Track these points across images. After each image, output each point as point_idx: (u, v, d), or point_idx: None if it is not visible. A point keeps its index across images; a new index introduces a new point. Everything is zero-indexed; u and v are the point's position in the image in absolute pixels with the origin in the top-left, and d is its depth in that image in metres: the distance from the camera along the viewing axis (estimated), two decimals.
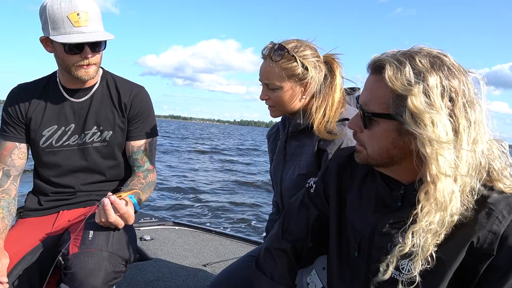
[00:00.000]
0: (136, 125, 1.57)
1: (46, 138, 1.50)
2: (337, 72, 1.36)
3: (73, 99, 1.51)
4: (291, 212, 1.15)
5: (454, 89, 0.79)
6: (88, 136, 1.51)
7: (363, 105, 0.88)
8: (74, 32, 1.33)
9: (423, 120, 0.77)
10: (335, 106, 1.33)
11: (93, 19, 1.37)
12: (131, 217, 1.29)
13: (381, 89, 0.83)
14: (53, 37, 1.34)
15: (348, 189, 1.04)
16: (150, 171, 1.58)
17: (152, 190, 1.57)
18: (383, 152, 0.88)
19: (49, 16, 1.33)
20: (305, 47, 1.32)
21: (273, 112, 1.41)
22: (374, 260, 0.93)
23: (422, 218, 0.79)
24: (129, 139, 1.57)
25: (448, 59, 0.82)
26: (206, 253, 2.65)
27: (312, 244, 1.12)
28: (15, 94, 1.52)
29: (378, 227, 0.93)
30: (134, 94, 1.57)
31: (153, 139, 1.63)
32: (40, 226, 1.46)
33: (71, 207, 1.52)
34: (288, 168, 1.40)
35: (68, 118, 1.51)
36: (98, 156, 1.53)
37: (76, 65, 1.40)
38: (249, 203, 7.79)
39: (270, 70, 1.31)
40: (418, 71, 0.79)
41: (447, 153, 0.77)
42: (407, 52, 0.83)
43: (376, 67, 0.85)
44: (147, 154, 1.59)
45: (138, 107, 1.56)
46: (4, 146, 1.48)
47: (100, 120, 1.52)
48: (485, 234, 0.81)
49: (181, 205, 7.04)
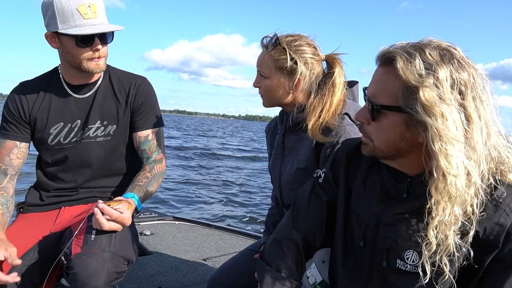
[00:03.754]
0: (142, 115, 1.55)
1: (54, 135, 1.49)
2: (337, 72, 1.34)
3: (77, 95, 1.51)
4: (301, 203, 1.13)
5: (464, 82, 0.79)
6: (92, 131, 1.51)
7: (371, 97, 0.88)
8: (85, 24, 1.33)
9: (434, 113, 0.77)
10: (332, 108, 1.30)
11: (101, 11, 1.38)
12: (126, 220, 1.27)
13: (391, 81, 0.83)
14: (63, 31, 1.32)
15: (354, 179, 1.04)
16: (157, 161, 1.56)
17: (161, 181, 1.55)
18: (390, 145, 0.88)
19: (57, 10, 1.32)
20: (302, 43, 1.32)
21: (264, 101, 1.43)
22: (379, 250, 0.94)
23: (438, 213, 0.79)
24: (135, 130, 1.56)
25: (458, 52, 0.82)
26: (206, 247, 2.67)
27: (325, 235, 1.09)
28: (17, 93, 1.50)
29: (384, 217, 0.93)
30: (137, 85, 1.56)
31: (160, 128, 1.61)
32: (42, 221, 1.46)
33: (72, 204, 1.52)
34: (287, 162, 1.40)
35: (74, 115, 1.50)
36: (102, 150, 1.52)
37: (87, 58, 1.39)
38: (249, 197, 7.81)
39: (263, 59, 1.35)
40: (428, 64, 0.79)
41: (458, 147, 0.77)
42: (417, 45, 0.83)
43: (386, 59, 0.85)
44: (155, 144, 1.57)
45: (142, 97, 1.56)
46: (3, 145, 1.47)
47: (104, 115, 1.52)
48: (491, 226, 0.82)
49: (181, 200, 7.06)
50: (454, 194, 0.77)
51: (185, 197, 7.37)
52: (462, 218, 0.80)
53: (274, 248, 1.09)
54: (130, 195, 1.37)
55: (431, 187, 0.79)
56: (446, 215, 0.78)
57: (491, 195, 0.83)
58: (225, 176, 10.37)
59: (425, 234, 0.81)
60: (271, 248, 1.10)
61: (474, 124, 0.79)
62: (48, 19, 1.36)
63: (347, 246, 1.03)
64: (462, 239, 0.81)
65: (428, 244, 0.80)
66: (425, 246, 0.81)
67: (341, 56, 1.38)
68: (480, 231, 0.82)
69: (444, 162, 0.77)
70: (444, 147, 0.76)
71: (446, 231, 0.79)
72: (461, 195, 0.78)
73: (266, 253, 1.10)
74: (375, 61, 0.89)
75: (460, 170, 0.77)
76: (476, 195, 0.80)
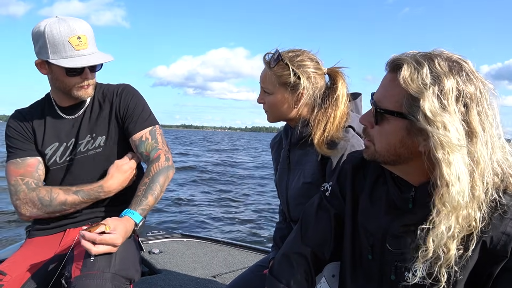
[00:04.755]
0: (131, 119, 1.55)
1: (49, 156, 1.51)
2: (340, 85, 1.35)
3: (69, 117, 1.54)
4: (309, 217, 1.12)
5: (470, 95, 0.79)
6: (82, 146, 1.52)
7: (377, 102, 0.89)
8: (76, 55, 1.36)
9: (435, 122, 0.77)
10: (336, 121, 1.30)
11: (91, 41, 1.41)
12: (114, 240, 1.23)
13: (396, 88, 0.84)
14: (54, 61, 1.36)
15: (361, 191, 1.04)
16: (155, 161, 1.49)
17: (165, 179, 1.47)
18: (391, 149, 0.89)
19: (49, 41, 1.34)
20: (304, 58, 1.34)
21: (268, 117, 1.44)
22: (387, 263, 0.93)
23: (440, 223, 0.78)
24: (130, 136, 1.55)
25: (468, 65, 0.82)
26: (215, 264, 2.65)
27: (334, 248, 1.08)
28: (17, 118, 1.54)
29: (391, 229, 0.93)
30: (119, 92, 1.57)
31: (153, 127, 1.58)
32: (47, 245, 1.47)
33: (77, 225, 1.52)
34: (293, 177, 1.40)
35: (68, 134, 1.53)
36: (95, 163, 1.52)
37: (77, 86, 1.43)
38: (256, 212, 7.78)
39: (266, 75, 1.37)
40: (436, 74, 0.79)
41: (460, 157, 0.77)
42: (427, 54, 0.84)
43: (394, 66, 0.86)
44: (150, 143, 1.53)
45: (126, 102, 1.56)
46: (27, 163, 1.48)
47: (93, 128, 1.53)
48: (498, 235, 0.81)
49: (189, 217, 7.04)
50: (456, 205, 0.77)
51: (193, 213, 7.36)
52: (465, 231, 0.80)
53: (284, 263, 1.09)
54: (125, 212, 1.35)
55: (435, 196, 0.79)
56: (448, 225, 0.78)
57: (496, 204, 0.82)
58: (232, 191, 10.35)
59: (423, 242, 0.80)
60: (281, 263, 1.09)
61: (478, 138, 0.79)
62: (39, 48, 1.39)
63: (356, 259, 1.02)
64: (466, 252, 0.81)
65: (424, 251, 0.80)
66: (421, 253, 0.80)
67: (343, 69, 1.39)
68: (487, 242, 0.82)
69: (447, 171, 0.77)
70: (446, 155, 0.77)
71: (449, 244, 0.79)
72: (464, 207, 0.78)
73: (275, 268, 1.10)
74: (385, 67, 0.91)
75: (462, 181, 0.77)
76: (480, 208, 0.80)
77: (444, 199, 0.78)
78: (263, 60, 1.38)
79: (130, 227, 1.31)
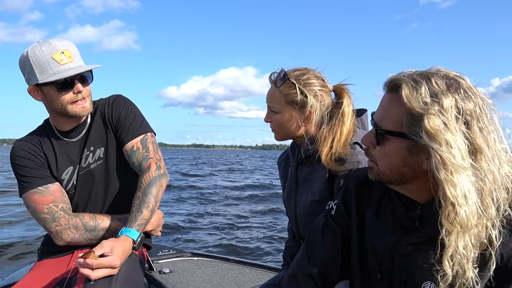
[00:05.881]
0: (123, 128, 1.54)
1: (67, 180, 1.52)
2: (346, 102, 1.36)
3: (73, 139, 1.55)
4: (315, 236, 1.12)
5: (470, 112, 0.79)
6: (83, 161, 1.53)
7: (377, 122, 0.89)
8: (62, 70, 1.37)
9: (438, 140, 0.77)
10: (343, 137, 1.31)
11: (75, 55, 1.42)
12: (112, 262, 1.22)
13: (396, 107, 0.84)
14: (43, 81, 1.36)
15: (366, 210, 1.03)
16: (145, 171, 1.46)
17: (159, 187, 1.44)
18: (394, 169, 0.88)
19: (34, 63, 1.36)
20: (310, 76, 1.35)
21: (276, 135, 1.45)
22: (396, 282, 0.92)
23: (451, 243, 0.77)
24: (122, 146, 1.54)
25: (465, 81, 0.82)
26: (225, 283, 2.62)
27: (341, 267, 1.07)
28: (23, 146, 1.51)
29: (398, 248, 0.92)
30: (111, 102, 1.59)
31: (145, 135, 1.56)
32: (56, 268, 1.47)
33: (84, 247, 1.52)
34: (301, 195, 1.40)
35: (78, 156, 1.54)
36: (99, 176, 1.53)
37: (71, 103, 1.42)
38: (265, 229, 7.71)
39: (273, 94, 1.37)
40: (434, 92, 0.79)
41: (464, 175, 0.76)
42: (424, 73, 0.84)
43: (392, 86, 0.87)
44: (141, 153, 1.51)
45: (118, 111, 1.56)
46: (51, 189, 1.47)
47: (91, 142, 1.54)
48: (508, 253, 0.81)
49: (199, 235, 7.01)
50: (465, 225, 0.76)
51: (203, 232, 7.33)
52: (479, 249, 0.78)
53: (291, 284, 1.08)
54: (123, 232, 1.34)
55: (441, 216, 0.79)
56: (459, 246, 0.77)
57: (506, 221, 0.81)
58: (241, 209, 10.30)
59: (439, 266, 0.79)
60: (289, 284, 1.09)
61: (483, 154, 0.78)
62: (27, 74, 1.40)
63: (365, 279, 1.01)
64: (482, 271, 0.79)
65: (444, 275, 0.78)
66: (441, 278, 0.79)
67: (348, 86, 1.40)
68: (498, 259, 0.81)
69: (451, 191, 0.76)
70: (449, 176, 0.76)
71: (463, 264, 0.77)
72: (473, 226, 0.77)
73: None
74: (383, 87, 0.91)
75: (469, 200, 0.76)
76: (493, 225, 0.79)
77: (451, 218, 0.77)
78: (269, 79, 1.39)
79: (128, 246, 1.30)
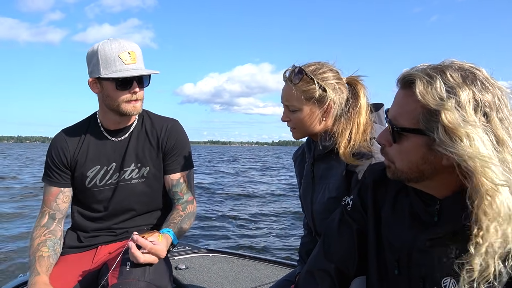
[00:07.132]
0: (173, 158, 1.62)
1: (90, 178, 1.57)
2: (361, 93, 1.35)
3: (114, 139, 1.60)
4: (331, 232, 1.11)
5: (488, 104, 0.77)
6: (127, 173, 1.58)
7: (392, 120, 0.87)
8: (125, 69, 1.44)
9: (458, 135, 0.75)
10: (361, 129, 1.30)
11: (139, 57, 1.49)
12: (161, 251, 1.30)
13: (411, 104, 0.82)
14: (105, 75, 1.43)
15: (383, 205, 1.02)
16: (189, 202, 1.61)
17: (193, 220, 1.60)
18: (413, 167, 0.86)
19: (101, 57, 1.43)
20: (325, 70, 1.33)
21: (295, 134, 1.42)
22: (414, 278, 0.90)
23: (487, 239, 0.74)
24: (167, 173, 1.62)
25: (481, 72, 0.80)
26: (241, 279, 2.64)
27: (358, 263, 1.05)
28: (59, 141, 1.60)
29: (416, 243, 0.90)
30: (169, 128, 1.63)
31: (190, 170, 1.68)
32: (80, 262, 1.51)
33: (108, 243, 1.58)
34: (318, 191, 1.39)
35: (110, 158, 1.58)
36: (137, 192, 1.59)
37: (125, 101, 1.49)
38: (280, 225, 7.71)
39: (290, 92, 1.33)
40: (450, 86, 0.77)
41: (492, 165, 0.74)
42: (438, 66, 0.82)
43: (406, 82, 0.84)
44: (186, 186, 1.63)
45: (173, 140, 1.62)
46: (50, 191, 1.56)
47: (138, 157, 1.59)
48: None
49: (214, 232, 7.06)
50: (505, 214, 0.73)
51: (218, 229, 7.37)
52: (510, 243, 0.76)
53: (308, 280, 1.08)
54: (166, 230, 1.41)
55: (478, 210, 0.75)
56: (495, 240, 0.74)
57: None
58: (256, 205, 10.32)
59: (467, 262, 0.76)
60: (305, 280, 1.09)
61: (505, 146, 0.76)
62: (92, 66, 1.47)
63: (382, 274, 0.99)
64: (505, 264, 0.77)
65: (470, 271, 0.76)
66: (466, 273, 0.76)
67: (365, 81, 1.39)
68: None
69: (485, 182, 0.73)
70: (479, 167, 0.73)
71: (489, 259, 0.75)
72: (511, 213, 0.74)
73: (300, 285, 1.10)
74: (396, 83, 0.89)
75: (504, 188, 0.73)
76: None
77: (489, 210, 0.74)
78: (283, 77, 1.37)
79: (169, 244, 1.38)
